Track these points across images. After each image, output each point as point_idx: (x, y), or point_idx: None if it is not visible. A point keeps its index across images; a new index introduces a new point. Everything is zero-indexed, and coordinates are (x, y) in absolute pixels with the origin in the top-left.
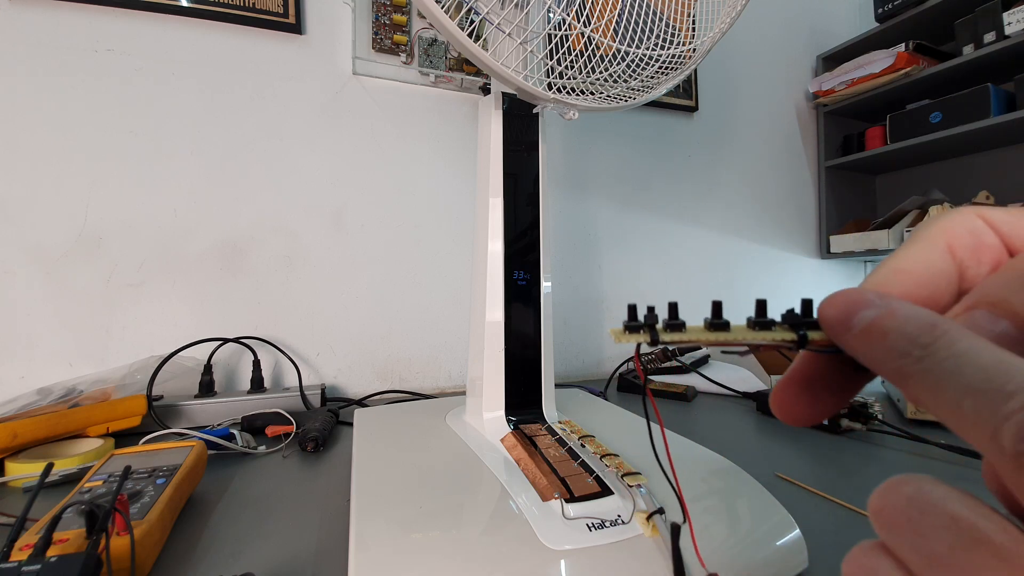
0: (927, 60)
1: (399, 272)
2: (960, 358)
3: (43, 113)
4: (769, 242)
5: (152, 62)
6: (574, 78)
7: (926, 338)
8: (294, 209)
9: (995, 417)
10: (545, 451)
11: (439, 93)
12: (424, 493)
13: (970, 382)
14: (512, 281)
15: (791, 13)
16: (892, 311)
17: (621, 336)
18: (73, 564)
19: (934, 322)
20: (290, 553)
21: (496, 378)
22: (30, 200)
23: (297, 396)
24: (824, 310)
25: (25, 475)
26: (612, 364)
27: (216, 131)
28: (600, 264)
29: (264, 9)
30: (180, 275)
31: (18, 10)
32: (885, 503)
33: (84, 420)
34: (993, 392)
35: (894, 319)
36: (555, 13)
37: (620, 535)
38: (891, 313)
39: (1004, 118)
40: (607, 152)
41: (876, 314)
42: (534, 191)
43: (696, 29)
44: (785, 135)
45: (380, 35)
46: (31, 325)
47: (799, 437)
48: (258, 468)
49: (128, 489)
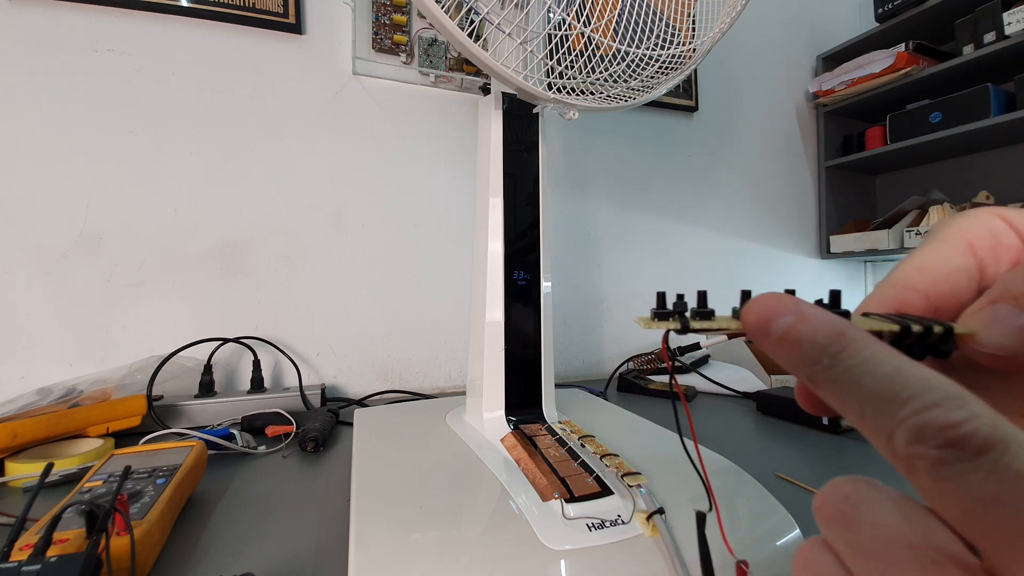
0: (927, 60)
1: (399, 272)
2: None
3: (43, 113)
4: (769, 242)
5: (152, 62)
6: (574, 78)
7: (834, 347)
8: (294, 209)
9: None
10: (545, 451)
11: (439, 93)
12: (424, 493)
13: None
14: (512, 281)
15: (791, 13)
16: (805, 318)
17: (650, 323)
18: (73, 564)
19: (842, 331)
20: (290, 553)
21: (496, 378)
22: (30, 200)
23: (297, 396)
24: (744, 315)
25: (25, 475)
26: (612, 364)
27: (216, 131)
28: (600, 264)
29: (264, 9)
30: (180, 275)
31: (18, 10)
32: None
33: (84, 420)
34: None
35: (807, 326)
36: (555, 13)
37: (620, 535)
38: (804, 320)
39: (1004, 118)
40: (607, 152)
41: (791, 321)
42: (534, 191)
43: (696, 29)
44: (785, 135)
45: (380, 35)
46: (31, 325)
47: (799, 437)
48: (258, 468)
49: (128, 489)
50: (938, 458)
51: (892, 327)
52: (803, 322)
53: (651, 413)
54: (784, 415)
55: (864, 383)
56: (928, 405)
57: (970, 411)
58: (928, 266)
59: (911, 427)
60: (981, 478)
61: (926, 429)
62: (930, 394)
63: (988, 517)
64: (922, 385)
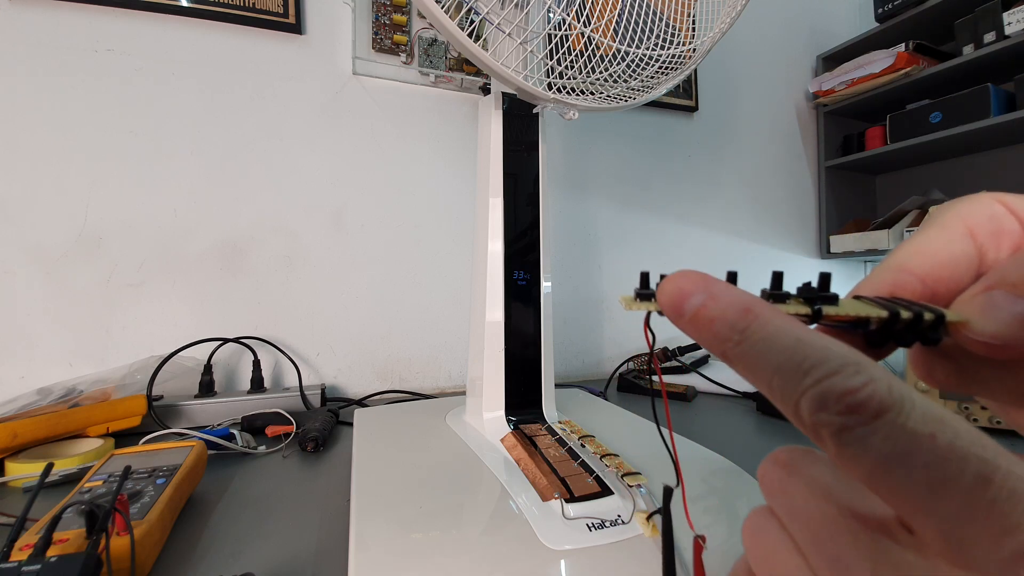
0: (927, 60)
1: (399, 272)
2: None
3: (43, 113)
4: (769, 242)
5: (152, 62)
6: (574, 78)
7: (742, 323)
8: (294, 209)
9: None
10: (545, 451)
11: (439, 93)
12: (424, 493)
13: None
14: (512, 281)
15: (791, 13)
16: (714, 296)
17: (632, 303)
18: (73, 564)
19: (748, 306)
20: (290, 553)
21: (496, 378)
22: (30, 200)
23: (297, 396)
24: (659, 296)
25: (25, 475)
26: (612, 364)
27: (216, 131)
28: (600, 264)
29: (264, 9)
30: (180, 275)
31: (18, 10)
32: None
33: (84, 420)
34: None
35: (716, 305)
36: (555, 13)
37: (620, 535)
38: (713, 298)
39: (1004, 118)
40: (607, 152)
41: (701, 301)
42: (534, 191)
43: (696, 29)
44: (785, 135)
45: (380, 35)
46: (31, 325)
47: (799, 437)
48: (258, 468)
49: (128, 489)
50: (840, 424)
51: (880, 312)
52: (712, 300)
53: (651, 413)
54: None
55: (770, 356)
56: (828, 373)
57: (867, 375)
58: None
59: (813, 395)
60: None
61: (827, 396)
62: (829, 363)
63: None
64: (823, 354)
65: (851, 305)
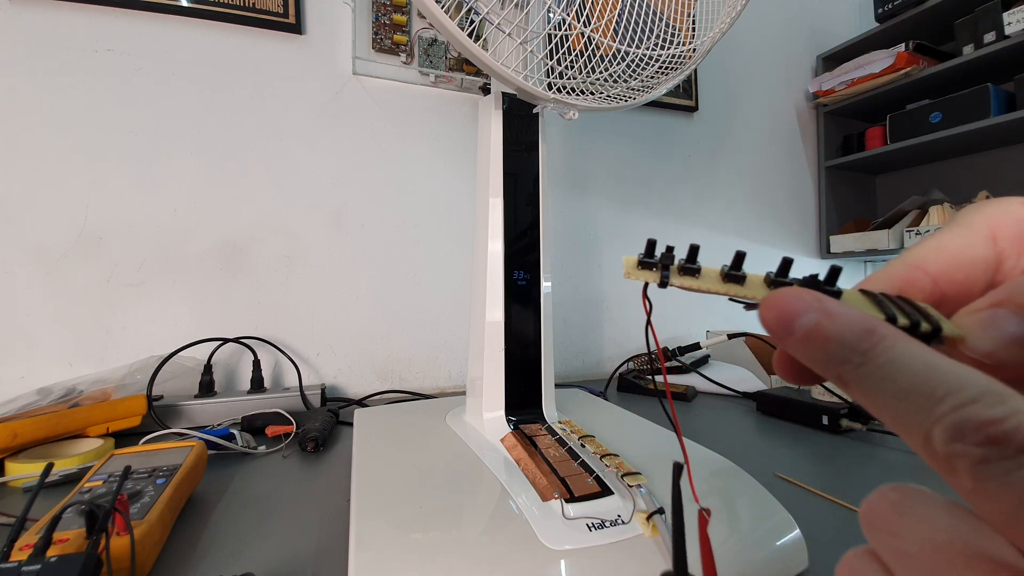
0: (927, 60)
1: (399, 272)
2: (895, 364)
3: (43, 113)
4: (769, 242)
5: (152, 62)
6: (574, 78)
7: (864, 344)
8: (294, 209)
9: (927, 421)
10: (545, 451)
11: (439, 93)
12: (424, 493)
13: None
14: (512, 281)
15: (791, 13)
16: (831, 315)
17: (633, 270)
18: (73, 564)
19: (871, 327)
20: (290, 553)
21: (496, 378)
22: (30, 200)
23: (297, 396)
24: (763, 314)
25: (25, 475)
26: (612, 364)
27: (216, 131)
28: (600, 264)
29: (264, 9)
30: (180, 275)
31: (18, 10)
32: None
33: (84, 420)
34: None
35: (833, 324)
36: (555, 13)
37: (620, 535)
38: (830, 317)
39: (1004, 118)
40: (607, 152)
41: (815, 320)
42: (534, 191)
43: (696, 29)
44: (785, 135)
45: (380, 35)
46: (31, 325)
47: (799, 437)
48: (258, 468)
49: (128, 489)
50: (979, 456)
51: (877, 315)
52: (829, 318)
53: (651, 413)
54: (784, 415)
55: (897, 381)
56: (966, 401)
57: (1011, 407)
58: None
59: (949, 424)
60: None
61: (965, 426)
62: (967, 390)
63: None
64: (958, 381)
65: (852, 300)
